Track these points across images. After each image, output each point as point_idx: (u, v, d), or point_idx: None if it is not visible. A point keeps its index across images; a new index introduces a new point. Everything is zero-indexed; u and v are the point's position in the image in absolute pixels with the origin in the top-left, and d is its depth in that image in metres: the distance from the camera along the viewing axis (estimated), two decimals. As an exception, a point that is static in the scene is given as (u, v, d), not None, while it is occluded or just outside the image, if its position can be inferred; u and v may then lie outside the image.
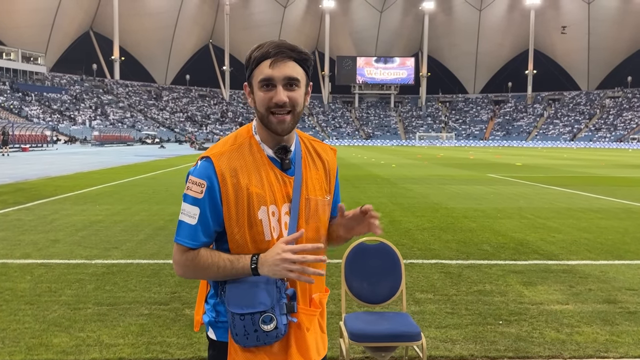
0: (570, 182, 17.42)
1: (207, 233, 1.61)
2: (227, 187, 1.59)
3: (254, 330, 1.54)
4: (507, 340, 3.93)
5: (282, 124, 1.61)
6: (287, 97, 1.59)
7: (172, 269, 5.87)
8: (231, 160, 1.62)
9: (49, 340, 3.85)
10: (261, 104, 1.61)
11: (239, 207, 1.60)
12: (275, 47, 1.63)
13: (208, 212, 1.59)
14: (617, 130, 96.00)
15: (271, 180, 1.63)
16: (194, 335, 3.96)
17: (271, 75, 1.60)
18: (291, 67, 1.62)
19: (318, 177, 1.73)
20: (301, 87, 1.64)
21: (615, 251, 7.06)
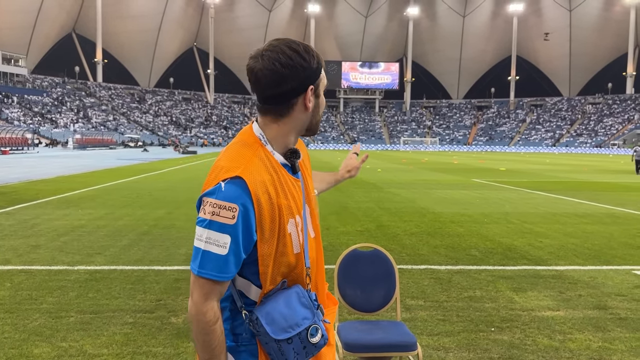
0: (554, 187, 17.56)
1: (238, 264, 1.44)
2: (262, 206, 1.43)
3: (303, 348, 1.44)
4: (501, 348, 3.87)
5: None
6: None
7: (157, 275, 5.76)
8: (259, 175, 1.46)
9: (29, 351, 3.71)
10: (322, 108, 1.62)
11: (273, 225, 1.45)
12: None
13: (240, 239, 1.41)
14: (597, 136, 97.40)
15: (290, 188, 1.52)
16: (181, 345, 3.85)
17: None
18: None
19: (308, 171, 1.69)
20: None
21: (602, 256, 7.08)
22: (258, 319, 1.45)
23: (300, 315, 1.45)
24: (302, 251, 1.52)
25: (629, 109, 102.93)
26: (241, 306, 1.50)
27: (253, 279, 1.49)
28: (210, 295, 1.43)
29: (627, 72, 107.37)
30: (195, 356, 1.56)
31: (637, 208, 12.23)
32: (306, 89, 1.52)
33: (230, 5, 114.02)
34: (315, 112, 1.58)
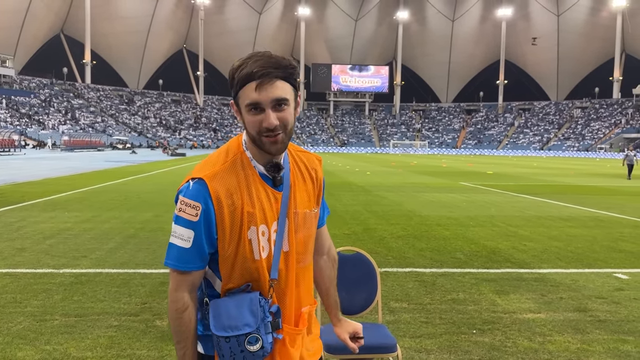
0: (540, 191, 17.73)
1: (202, 257, 1.54)
2: (223, 209, 1.52)
3: (241, 351, 1.49)
4: (481, 350, 3.94)
5: (275, 145, 1.54)
6: (277, 119, 1.52)
7: (143, 278, 5.77)
8: (224, 180, 1.54)
9: (13, 354, 3.71)
10: (251, 127, 1.54)
11: (233, 228, 1.54)
12: (260, 67, 1.51)
13: (203, 235, 1.52)
14: (585, 140, 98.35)
15: (262, 198, 1.58)
16: (165, 348, 3.87)
17: (258, 99, 1.51)
18: (279, 87, 1.52)
19: (306, 189, 1.69)
20: (290, 105, 1.56)
21: (585, 259, 7.18)
22: (208, 309, 1.55)
23: (243, 321, 1.50)
24: (266, 260, 1.57)
25: (616, 113, 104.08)
26: (205, 295, 1.60)
27: (217, 273, 1.58)
28: (180, 286, 1.55)
29: (614, 77, 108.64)
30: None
31: (621, 211, 12.40)
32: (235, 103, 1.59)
33: (220, 8, 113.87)
34: (247, 130, 1.57)
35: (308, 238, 1.69)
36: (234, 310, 1.51)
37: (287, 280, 1.62)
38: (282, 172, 1.62)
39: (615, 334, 4.36)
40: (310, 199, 1.70)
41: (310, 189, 1.71)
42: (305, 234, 1.67)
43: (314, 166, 1.74)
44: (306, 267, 1.70)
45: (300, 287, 1.66)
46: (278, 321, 1.56)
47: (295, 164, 1.70)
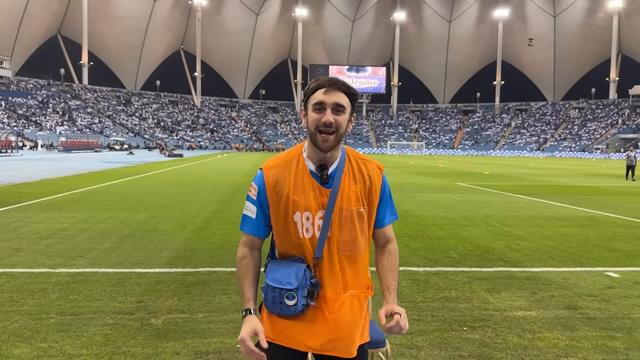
0: (536, 191, 17.82)
1: (259, 226, 2.04)
2: (272, 193, 1.99)
3: (280, 302, 1.92)
4: (471, 346, 4.00)
5: (326, 142, 1.94)
6: (334, 119, 1.93)
7: (138, 277, 5.83)
8: (277, 172, 2.01)
9: (9, 352, 3.76)
10: (312, 123, 1.95)
11: (280, 209, 1.98)
12: (329, 80, 1.99)
13: (259, 210, 2.03)
14: (581, 140, 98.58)
15: (307, 191, 1.97)
16: (159, 345, 3.92)
17: (323, 100, 1.95)
18: (340, 96, 1.96)
19: (356, 190, 2.01)
20: (346, 114, 1.98)
21: (577, 258, 7.25)
22: (267, 264, 2.03)
23: (287, 279, 1.92)
24: (309, 241, 1.97)
25: (612, 113, 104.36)
26: (269, 257, 2.09)
27: (274, 242, 2.08)
28: (242, 242, 2.09)
29: (610, 78, 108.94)
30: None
31: (616, 211, 12.48)
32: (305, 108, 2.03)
33: (218, 9, 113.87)
34: (309, 126, 1.98)
35: (354, 232, 2.00)
36: (284, 270, 1.95)
37: (330, 263, 1.98)
38: (330, 171, 1.99)
39: (604, 330, 4.42)
40: (358, 199, 2.01)
41: (359, 191, 2.02)
42: (350, 228, 1.99)
43: (369, 173, 2.05)
44: (353, 257, 2.01)
45: (346, 273, 2.00)
46: (314, 291, 1.94)
47: (350, 167, 2.03)
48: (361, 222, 2.02)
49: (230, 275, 5.98)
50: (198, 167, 31.82)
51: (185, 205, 12.36)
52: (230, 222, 9.89)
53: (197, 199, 13.80)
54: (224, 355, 3.76)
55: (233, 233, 8.74)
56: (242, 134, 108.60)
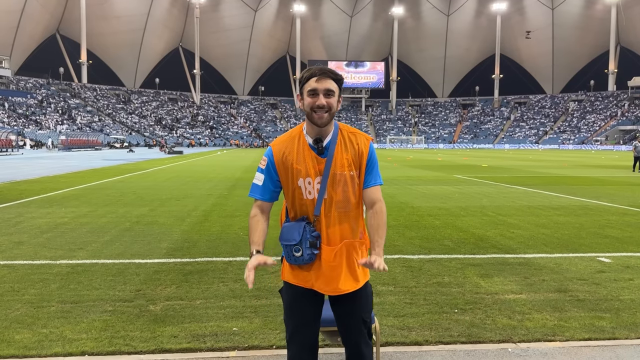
0: (533, 182, 17.92)
1: (267, 191, 2.50)
2: (280, 163, 2.45)
3: (292, 255, 2.40)
4: (461, 327, 4.10)
5: (321, 119, 2.38)
6: (325, 102, 2.36)
7: (138, 268, 5.94)
8: (282, 146, 2.47)
9: (10, 337, 3.87)
10: (308, 105, 2.38)
11: (287, 176, 2.44)
12: (320, 70, 2.39)
13: (267, 178, 2.49)
14: (580, 133, 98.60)
15: (307, 160, 2.42)
16: (157, 330, 4.02)
17: (316, 87, 2.36)
18: (330, 82, 2.38)
19: (347, 157, 2.42)
20: (335, 96, 2.40)
21: (570, 245, 7.35)
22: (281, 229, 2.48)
23: (292, 237, 2.38)
24: (311, 201, 2.42)
25: (611, 105, 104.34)
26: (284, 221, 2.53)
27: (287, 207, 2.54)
28: (254, 206, 2.54)
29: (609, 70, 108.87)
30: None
31: (610, 200, 12.58)
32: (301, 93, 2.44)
33: (216, 6, 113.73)
34: (305, 109, 2.41)
35: (347, 192, 2.43)
36: (290, 230, 2.41)
37: (328, 218, 2.41)
38: (325, 144, 2.42)
39: (592, 311, 4.52)
40: (349, 165, 2.42)
41: (350, 157, 2.43)
42: (343, 189, 2.42)
43: (358, 142, 2.46)
44: (346, 213, 2.44)
45: (343, 225, 2.44)
46: (316, 242, 2.40)
47: (342, 139, 2.45)
48: (353, 184, 2.44)
49: (228, 265, 6.09)
50: (197, 163, 31.92)
51: (185, 200, 12.46)
52: (228, 215, 9.99)
53: (196, 193, 13.90)
54: (220, 337, 3.87)
55: (231, 225, 8.85)
56: (242, 130, 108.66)
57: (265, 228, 2.48)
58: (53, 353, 3.60)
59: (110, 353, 3.61)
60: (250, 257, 2.38)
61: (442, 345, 3.78)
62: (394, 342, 3.79)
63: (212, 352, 3.63)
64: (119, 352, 3.63)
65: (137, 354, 3.59)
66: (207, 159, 38.04)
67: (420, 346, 3.76)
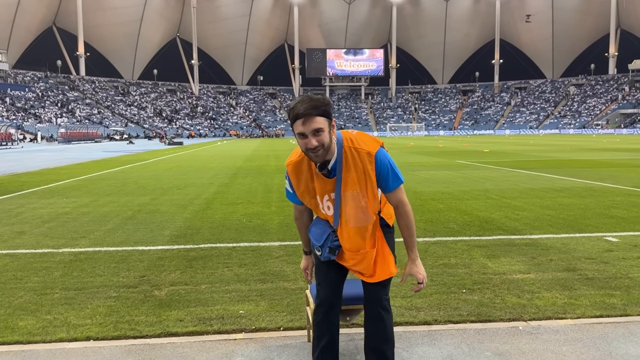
0: (535, 166, 17.84)
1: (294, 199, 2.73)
2: (296, 184, 2.63)
3: (317, 252, 2.67)
4: (470, 306, 4.05)
5: (317, 157, 2.42)
6: (316, 141, 2.36)
7: (141, 254, 5.90)
8: (295, 168, 2.60)
9: (14, 324, 3.82)
10: (301, 146, 2.43)
11: (304, 194, 2.63)
12: (304, 110, 2.34)
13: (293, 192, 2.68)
14: (581, 117, 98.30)
15: (318, 182, 2.55)
16: (163, 314, 3.97)
17: (303, 130, 2.36)
18: (317, 121, 2.34)
19: (352, 176, 2.49)
20: (325, 131, 2.38)
21: (576, 225, 7.29)
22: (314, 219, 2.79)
23: (316, 238, 2.64)
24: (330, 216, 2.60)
25: (612, 89, 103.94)
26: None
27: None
28: (294, 209, 2.84)
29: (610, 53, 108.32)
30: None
31: (615, 182, 12.51)
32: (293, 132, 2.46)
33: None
34: (300, 146, 2.47)
35: (358, 208, 2.51)
36: (318, 229, 2.66)
37: (342, 231, 2.58)
38: (330, 165, 2.48)
39: (602, 289, 4.47)
40: (354, 183, 2.49)
41: (354, 177, 2.49)
42: (353, 206, 2.51)
43: (361, 159, 2.48)
44: (359, 227, 2.53)
45: (360, 237, 2.56)
46: (335, 250, 2.62)
47: (345, 159, 2.48)
48: (364, 199, 2.50)
49: (232, 250, 6.04)
50: (198, 153, 31.84)
51: (186, 189, 12.40)
52: (231, 203, 9.94)
53: (197, 182, 13.84)
54: (227, 320, 3.82)
55: (234, 212, 8.79)
56: (242, 121, 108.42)
57: (308, 225, 2.81)
58: (58, 339, 3.55)
59: (116, 337, 3.56)
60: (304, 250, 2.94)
61: (452, 324, 3.73)
62: (402, 322, 3.74)
63: (218, 335, 3.58)
64: (125, 336, 3.58)
65: (143, 338, 3.54)
66: (207, 150, 37.95)
67: (430, 325, 3.70)
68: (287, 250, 5.98)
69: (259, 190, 11.91)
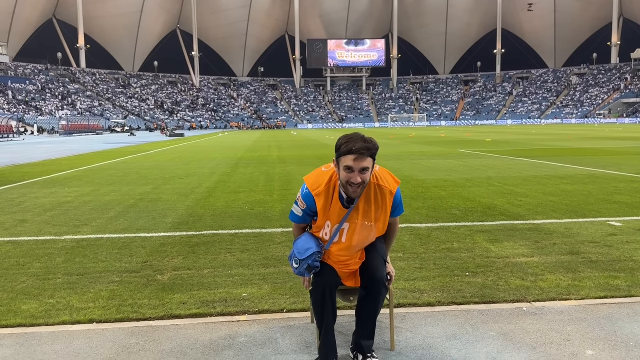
0: (538, 154, 17.79)
1: (301, 220, 2.91)
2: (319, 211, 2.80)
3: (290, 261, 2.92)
4: (474, 289, 4.03)
5: (355, 193, 2.68)
6: (361, 179, 2.62)
7: (144, 241, 5.89)
8: (321, 197, 2.76)
9: (17, 307, 3.82)
10: (344, 179, 2.65)
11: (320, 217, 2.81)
12: (359, 148, 2.58)
13: (305, 215, 2.86)
14: (583, 107, 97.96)
15: (335, 210, 2.77)
16: (166, 297, 3.97)
17: (352, 166, 2.60)
18: (366, 161, 2.60)
19: (369, 210, 2.76)
20: (369, 171, 2.65)
21: (580, 211, 7.26)
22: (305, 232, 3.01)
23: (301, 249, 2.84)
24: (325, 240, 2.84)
25: (614, 78, 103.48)
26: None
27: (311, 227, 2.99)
28: (294, 228, 3.02)
29: (612, 42, 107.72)
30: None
31: (618, 169, 12.47)
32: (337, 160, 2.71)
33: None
34: (341, 179, 2.69)
35: (364, 238, 2.80)
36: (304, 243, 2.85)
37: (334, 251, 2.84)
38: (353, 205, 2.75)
39: (607, 271, 4.45)
40: (368, 216, 2.76)
41: (372, 211, 2.76)
42: (362, 235, 2.78)
43: (383, 197, 2.78)
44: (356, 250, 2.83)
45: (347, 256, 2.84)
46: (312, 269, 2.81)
47: (367, 195, 2.75)
48: (370, 230, 2.79)
49: (234, 237, 6.03)
50: (199, 145, 31.81)
51: (188, 178, 12.38)
52: (232, 192, 9.92)
53: (199, 172, 13.82)
54: (230, 302, 3.81)
55: (236, 200, 8.78)
56: (243, 112, 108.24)
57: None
58: (61, 321, 3.55)
59: (119, 320, 3.55)
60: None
61: (456, 305, 3.72)
62: (406, 304, 3.73)
63: (222, 317, 3.57)
64: (128, 319, 3.57)
65: (147, 320, 3.54)
66: (208, 141, 37.93)
67: (433, 307, 3.69)
68: (289, 237, 5.97)
69: (261, 180, 11.89)
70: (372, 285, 2.82)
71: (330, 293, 2.79)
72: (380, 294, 2.82)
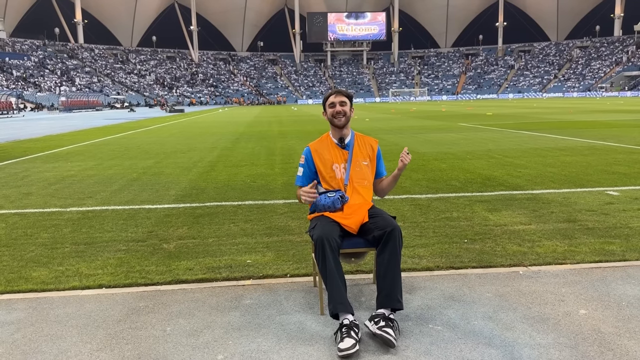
0: (539, 127, 17.80)
1: (305, 179, 3.35)
2: (317, 157, 3.35)
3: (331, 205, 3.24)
4: (471, 254, 4.14)
5: (340, 121, 3.31)
6: (341, 109, 3.31)
7: (148, 212, 5.99)
8: (317, 145, 3.40)
9: (28, 274, 3.93)
10: (330, 114, 3.34)
11: (324, 164, 3.33)
12: (336, 90, 3.41)
13: (306, 169, 3.37)
14: (585, 80, 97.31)
15: (336, 152, 3.35)
16: (172, 264, 4.07)
17: (334, 100, 3.34)
18: (343, 98, 3.36)
19: (362, 152, 3.36)
20: (347, 105, 3.35)
21: (578, 181, 7.35)
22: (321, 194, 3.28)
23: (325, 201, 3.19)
24: (342, 178, 3.31)
25: (617, 51, 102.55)
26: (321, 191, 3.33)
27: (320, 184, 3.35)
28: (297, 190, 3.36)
29: (615, 14, 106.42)
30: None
31: (617, 141, 12.52)
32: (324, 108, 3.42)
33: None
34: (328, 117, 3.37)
35: (363, 173, 3.32)
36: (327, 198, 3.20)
37: (352, 189, 3.29)
38: (346, 142, 3.36)
39: (602, 238, 4.55)
40: (364, 157, 3.35)
41: (364, 152, 3.37)
42: (360, 171, 3.32)
43: (370, 142, 3.44)
44: (363, 186, 3.31)
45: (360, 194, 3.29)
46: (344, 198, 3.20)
47: (357, 141, 3.39)
48: (367, 168, 3.36)
49: (237, 208, 6.12)
50: (200, 120, 31.78)
51: (190, 152, 12.45)
52: (234, 165, 10.00)
53: (200, 146, 13.88)
54: (235, 269, 3.92)
55: (238, 174, 8.86)
56: (243, 88, 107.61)
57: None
58: (71, 287, 3.66)
59: (127, 285, 3.66)
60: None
61: (453, 269, 3.82)
62: (405, 269, 3.82)
63: (227, 282, 3.68)
64: (136, 284, 3.68)
65: (155, 285, 3.65)
66: (209, 116, 37.86)
67: (432, 271, 3.80)
68: (291, 207, 6.07)
69: (262, 154, 11.95)
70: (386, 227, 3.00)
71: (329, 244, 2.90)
72: (396, 239, 2.98)
